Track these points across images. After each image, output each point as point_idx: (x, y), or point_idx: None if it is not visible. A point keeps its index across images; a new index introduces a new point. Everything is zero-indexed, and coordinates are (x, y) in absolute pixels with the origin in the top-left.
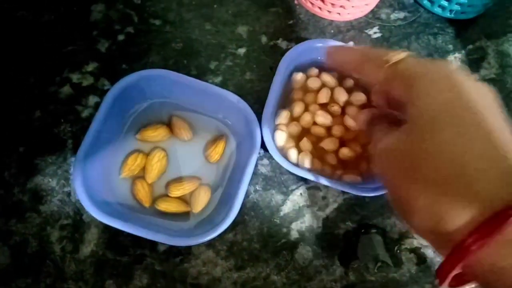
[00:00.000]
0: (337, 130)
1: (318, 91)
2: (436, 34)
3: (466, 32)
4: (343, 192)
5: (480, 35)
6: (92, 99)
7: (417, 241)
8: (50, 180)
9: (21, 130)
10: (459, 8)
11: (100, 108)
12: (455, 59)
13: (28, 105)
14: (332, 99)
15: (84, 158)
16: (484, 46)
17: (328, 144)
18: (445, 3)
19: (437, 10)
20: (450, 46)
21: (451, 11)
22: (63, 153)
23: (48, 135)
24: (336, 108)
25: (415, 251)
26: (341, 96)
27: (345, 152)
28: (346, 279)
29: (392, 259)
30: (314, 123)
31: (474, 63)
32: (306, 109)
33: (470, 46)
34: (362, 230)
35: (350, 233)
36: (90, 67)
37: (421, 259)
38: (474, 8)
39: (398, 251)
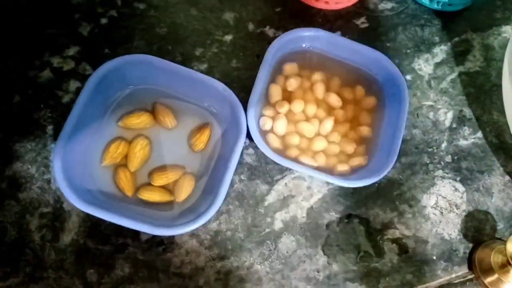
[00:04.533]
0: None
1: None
2: (423, 25)
3: (453, 24)
4: (328, 182)
5: (466, 28)
6: (73, 84)
7: (399, 231)
8: (29, 167)
9: None
10: (447, 0)
11: (81, 94)
12: (441, 51)
13: (7, 90)
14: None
15: (65, 144)
16: (470, 39)
17: (318, 135)
18: None
19: (425, 1)
20: (437, 38)
21: (438, 2)
22: (43, 140)
23: (27, 121)
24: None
25: (397, 241)
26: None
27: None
28: (329, 269)
29: (374, 249)
30: (302, 114)
31: (459, 56)
32: (295, 99)
33: (456, 39)
34: (346, 220)
35: (334, 223)
36: (71, 51)
37: (403, 249)
38: (461, 0)
39: (381, 241)
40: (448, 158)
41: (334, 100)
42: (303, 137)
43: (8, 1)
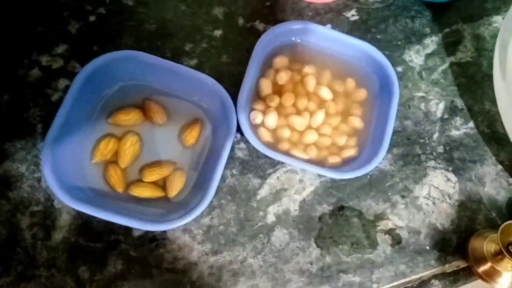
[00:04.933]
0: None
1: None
2: (413, 17)
3: (443, 15)
4: (320, 175)
5: (457, 19)
6: (62, 82)
7: (392, 222)
8: (19, 165)
9: None
10: None
11: (69, 91)
12: (432, 42)
13: None
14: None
15: (54, 142)
16: (461, 29)
17: (308, 128)
18: None
19: None
20: (427, 29)
21: None
22: (33, 138)
23: (17, 120)
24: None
25: (390, 232)
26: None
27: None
28: (322, 261)
29: (368, 240)
30: (293, 108)
31: (450, 46)
32: (286, 93)
33: (447, 29)
34: (338, 212)
35: (327, 215)
36: (60, 49)
37: (396, 240)
38: None
39: (374, 232)
40: (440, 149)
41: (325, 93)
42: (294, 131)
43: None
